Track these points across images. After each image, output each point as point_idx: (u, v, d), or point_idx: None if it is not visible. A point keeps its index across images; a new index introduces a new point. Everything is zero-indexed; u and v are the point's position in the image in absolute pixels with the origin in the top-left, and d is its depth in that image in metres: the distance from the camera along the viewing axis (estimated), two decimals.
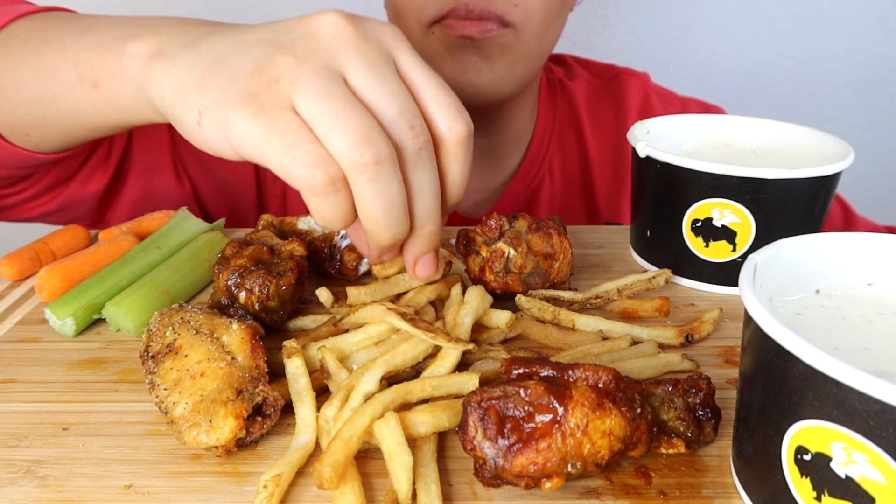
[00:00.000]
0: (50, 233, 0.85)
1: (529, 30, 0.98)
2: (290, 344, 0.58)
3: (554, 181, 1.21)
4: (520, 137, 1.21)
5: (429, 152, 0.54)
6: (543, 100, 1.22)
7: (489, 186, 1.22)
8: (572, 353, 0.62)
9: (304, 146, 0.50)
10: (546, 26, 1.00)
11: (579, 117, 1.23)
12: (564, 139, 1.22)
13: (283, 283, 0.65)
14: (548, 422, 0.44)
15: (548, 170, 1.21)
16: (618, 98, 1.24)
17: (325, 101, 0.51)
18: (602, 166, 1.22)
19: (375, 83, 0.53)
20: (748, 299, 0.44)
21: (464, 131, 0.56)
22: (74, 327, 0.68)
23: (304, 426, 0.53)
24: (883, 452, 0.36)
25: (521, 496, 0.48)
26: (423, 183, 0.55)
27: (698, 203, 0.73)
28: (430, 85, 0.55)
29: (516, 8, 0.95)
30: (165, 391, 0.54)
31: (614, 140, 1.22)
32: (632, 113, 1.21)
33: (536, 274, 0.70)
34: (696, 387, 0.52)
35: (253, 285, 0.64)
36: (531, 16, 0.96)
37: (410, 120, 0.53)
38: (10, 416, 0.57)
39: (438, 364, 0.57)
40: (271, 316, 0.66)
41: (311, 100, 0.51)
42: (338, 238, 0.78)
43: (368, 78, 0.53)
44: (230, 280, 0.65)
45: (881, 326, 0.48)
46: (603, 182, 1.22)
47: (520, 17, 0.96)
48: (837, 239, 0.53)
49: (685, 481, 0.50)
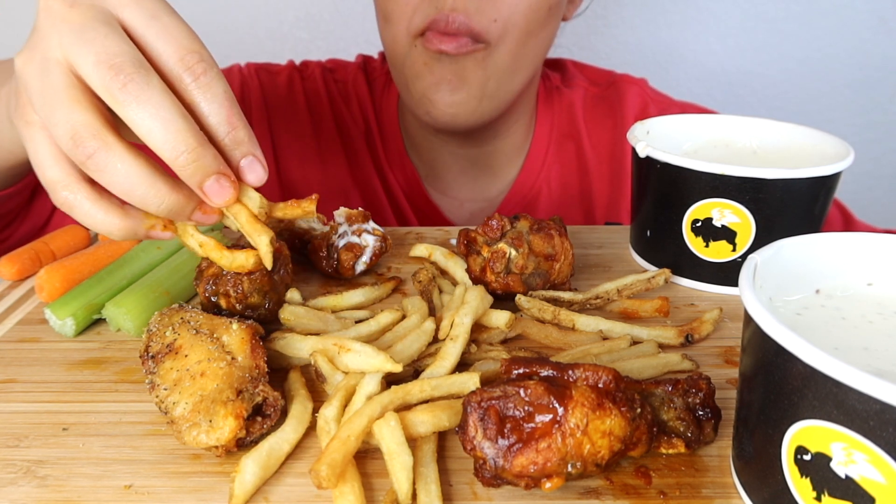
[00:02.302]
0: (50, 233, 0.85)
1: (504, 47, 0.97)
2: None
3: (551, 192, 1.21)
4: (517, 147, 1.20)
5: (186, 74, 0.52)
6: (541, 109, 1.21)
7: (486, 196, 1.22)
8: (572, 353, 0.62)
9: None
10: (525, 41, 0.99)
11: (577, 126, 1.22)
12: (562, 149, 1.21)
13: (254, 276, 0.65)
14: (548, 422, 0.44)
15: (545, 181, 1.20)
16: (615, 106, 1.23)
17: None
18: (600, 176, 1.21)
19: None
20: (748, 299, 0.44)
21: (193, 59, 0.53)
22: (74, 327, 0.68)
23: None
24: (883, 452, 0.36)
25: (521, 496, 0.48)
26: (200, 98, 0.52)
27: (698, 203, 0.73)
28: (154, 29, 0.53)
29: (495, 23, 0.94)
30: (165, 391, 0.54)
31: (612, 149, 1.21)
32: (630, 121, 1.20)
33: (537, 274, 0.70)
34: (696, 387, 0.52)
35: (227, 289, 0.64)
36: (510, 30, 0.96)
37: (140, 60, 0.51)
38: (10, 416, 0.57)
39: (438, 364, 0.57)
40: (258, 311, 0.65)
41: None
42: (335, 237, 0.78)
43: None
44: (207, 291, 0.65)
45: (881, 326, 0.48)
46: (601, 193, 1.21)
47: (497, 32, 0.95)
48: (837, 239, 0.53)
49: (685, 481, 0.50)
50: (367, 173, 1.19)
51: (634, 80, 1.26)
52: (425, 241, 0.89)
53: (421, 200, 1.20)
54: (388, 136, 1.20)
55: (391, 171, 1.19)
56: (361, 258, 0.78)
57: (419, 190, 1.20)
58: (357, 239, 0.78)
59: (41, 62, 0.52)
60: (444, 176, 1.21)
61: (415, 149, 1.20)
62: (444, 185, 1.21)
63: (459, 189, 1.22)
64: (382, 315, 0.66)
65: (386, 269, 0.83)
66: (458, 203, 1.22)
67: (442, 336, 0.62)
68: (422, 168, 1.21)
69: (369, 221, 0.80)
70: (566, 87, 1.25)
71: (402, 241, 0.90)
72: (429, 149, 1.18)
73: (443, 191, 1.22)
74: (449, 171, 1.20)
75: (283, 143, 1.18)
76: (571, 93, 1.24)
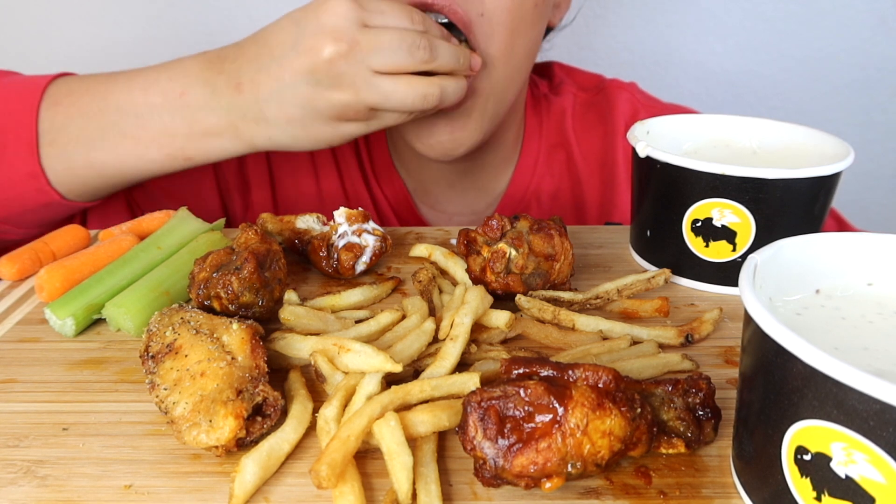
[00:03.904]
0: (50, 233, 0.85)
1: (494, 49, 0.93)
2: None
3: (542, 202, 1.19)
4: (505, 159, 1.19)
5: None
6: (529, 118, 1.19)
7: (475, 209, 1.20)
8: (572, 353, 0.62)
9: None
10: (512, 42, 0.94)
11: (567, 135, 1.19)
12: (552, 159, 1.19)
13: (242, 275, 0.64)
14: (548, 422, 0.44)
15: (535, 191, 1.18)
16: (606, 113, 1.20)
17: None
18: (591, 185, 1.19)
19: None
20: (748, 299, 0.44)
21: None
22: (74, 327, 0.68)
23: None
24: (883, 452, 0.36)
25: (521, 496, 0.48)
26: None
27: (698, 203, 0.73)
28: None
29: (482, 17, 0.91)
30: (165, 391, 0.54)
31: (603, 157, 1.19)
32: (620, 128, 1.18)
33: (537, 275, 0.70)
34: (696, 387, 0.52)
35: (217, 291, 0.64)
36: (496, 29, 0.92)
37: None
38: (10, 416, 0.57)
39: (438, 364, 0.57)
40: (252, 310, 0.65)
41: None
42: (335, 237, 0.78)
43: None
44: (199, 296, 0.65)
45: (881, 326, 0.48)
46: (593, 201, 1.19)
47: (484, 30, 0.91)
48: (837, 239, 0.53)
49: (685, 481, 0.50)
50: (356, 187, 1.18)
51: (624, 86, 1.24)
52: (425, 241, 0.89)
53: (409, 214, 1.19)
54: (375, 151, 1.19)
55: (379, 186, 1.18)
56: (361, 258, 0.78)
57: (407, 204, 1.19)
58: (357, 239, 0.78)
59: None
60: (433, 190, 1.19)
61: (402, 163, 1.18)
62: (433, 199, 1.20)
63: (448, 203, 1.20)
64: (382, 315, 0.66)
65: (386, 269, 0.83)
66: (448, 217, 1.20)
67: (442, 336, 0.62)
68: (410, 182, 1.19)
69: (369, 221, 0.80)
70: (554, 95, 1.22)
71: (402, 241, 0.90)
72: (417, 163, 1.17)
73: (431, 205, 1.21)
74: (437, 185, 1.18)
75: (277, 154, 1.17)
76: (560, 100, 1.21)
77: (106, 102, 0.87)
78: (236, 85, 0.84)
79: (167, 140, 0.87)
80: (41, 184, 0.87)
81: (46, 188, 0.88)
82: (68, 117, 0.87)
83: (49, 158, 0.87)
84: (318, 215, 0.84)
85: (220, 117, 0.85)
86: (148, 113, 0.86)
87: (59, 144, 0.87)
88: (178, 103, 0.85)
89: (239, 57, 0.85)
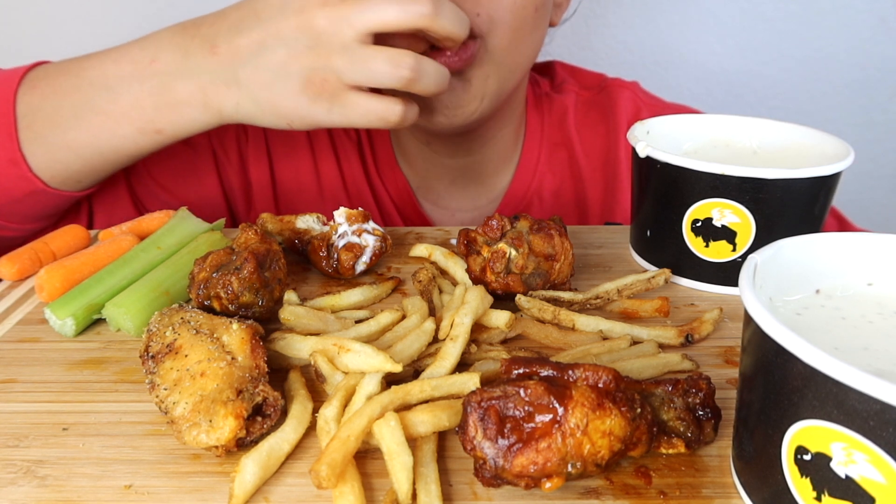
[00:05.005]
0: (50, 233, 0.85)
1: (497, 41, 0.92)
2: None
3: (544, 200, 1.19)
4: (506, 156, 1.18)
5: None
6: (531, 116, 1.19)
7: (477, 206, 1.20)
8: (572, 353, 0.62)
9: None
10: (516, 40, 0.94)
11: (569, 133, 1.19)
12: (554, 157, 1.19)
13: (242, 275, 0.64)
14: (548, 422, 0.44)
15: (537, 189, 1.18)
16: (608, 112, 1.20)
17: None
18: (594, 184, 1.19)
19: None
20: (748, 299, 0.44)
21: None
22: (74, 327, 0.68)
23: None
24: (883, 452, 0.36)
25: (521, 496, 0.48)
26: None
27: (698, 203, 0.74)
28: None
29: (479, 17, 0.89)
30: (165, 391, 0.54)
31: (605, 156, 1.19)
32: (623, 127, 1.18)
33: (537, 275, 0.70)
34: (696, 387, 0.52)
35: (217, 291, 0.64)
36: (497, 25, 0.90)
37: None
38: (10, 416, 0.57)
39: (438, 364, 0.57)
40: (252, 310, 0.65)
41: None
42: (335, 237, 0.78)
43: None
44: (199, 297, 0.65)
45: (881, 326, 0.48)
46: (595, 200, 1.19)
47: (484, 25, 0.90)
48: (837, 239, 0.53)
49: (685, 481, 0.50)
50: (358, 182, 1.18)
51: (626, 84, 1.23)
52: (425, 241, 0.89)
53: (411, 210, 1.19)
54: (378, 146, 1.19)
55: (381, 181, 1.18)
56: (361, 258, 0.78)
57: (410, 200, 1.19)
58: (357, 239, 0.78)
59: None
60: (435, 186, 1.19)
61: (405, 159, 1.19)
62: (435, 195, 1.20)
63: (450, 199, 1.20)
64: (382, 315, 0.66)
65: (386, 269, 0.83)
66: (450, 213, 1.20)
67: (442, 336, 0.62)
68: (413, 178, 1.19)
69: (369, 221, 0.80)
70: (556, 93, 1.22)
71: (402, 241, 0.90)
72: (420, 159, 1.17)
73: (434, 201, 1.21)
74: (440, 181, 1.18)
75: (277, 147, 1.17)
76: (562, 99, 1.21)
77: (79, 79, 0.86)
78: (211, 47, 0.81)
79: (137, 113, 0.84)
80: (23, 170, 0.86)
81: (28, 175, 0.87)
82: (43, 97, 0.86)
83: (27, 143, 0.86)
84: (318, 215, 0.84)
85: (189, 81, 0.82)
86: (118, 84, 0.84)
87: (36, 127, 0.85)
88: (147, 71, 0.83)
89: (218, 21, 0.83)
